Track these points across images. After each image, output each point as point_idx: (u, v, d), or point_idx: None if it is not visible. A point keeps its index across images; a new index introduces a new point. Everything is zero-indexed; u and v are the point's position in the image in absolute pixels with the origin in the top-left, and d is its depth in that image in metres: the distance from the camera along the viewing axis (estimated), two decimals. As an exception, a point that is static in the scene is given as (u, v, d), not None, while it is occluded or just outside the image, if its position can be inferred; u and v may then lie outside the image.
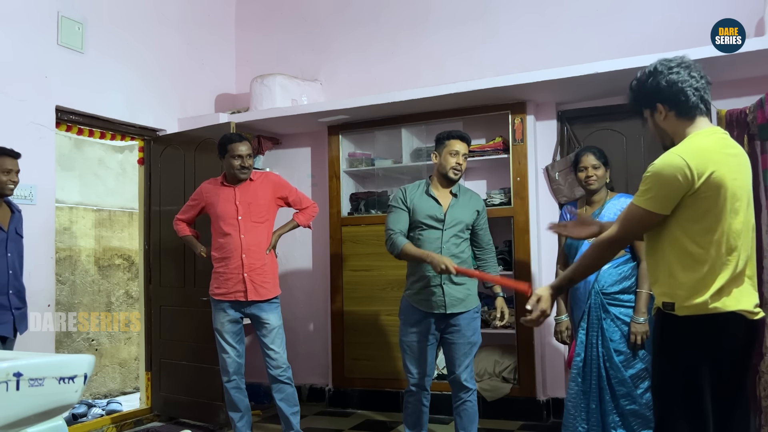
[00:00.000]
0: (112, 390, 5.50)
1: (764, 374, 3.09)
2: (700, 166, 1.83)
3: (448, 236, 3.18)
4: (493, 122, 4.38)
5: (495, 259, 3.38)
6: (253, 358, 5.13)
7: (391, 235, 3.20)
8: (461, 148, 3.21)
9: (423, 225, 3.20)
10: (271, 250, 3.61)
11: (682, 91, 1.99)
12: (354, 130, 4.76)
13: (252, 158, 3.61)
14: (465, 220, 3.23)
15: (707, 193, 1.84)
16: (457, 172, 3.22)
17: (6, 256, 3.17)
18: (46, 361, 1.85)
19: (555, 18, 4.32)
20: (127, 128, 4.52)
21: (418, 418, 3.27)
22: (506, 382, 4.22)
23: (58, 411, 1.85)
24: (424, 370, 3.22)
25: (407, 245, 3.13)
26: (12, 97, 3.68)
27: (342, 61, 5.00)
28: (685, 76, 2.01)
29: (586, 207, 3.14)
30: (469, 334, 3.20)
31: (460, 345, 3.19)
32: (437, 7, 4.70)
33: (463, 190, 3.32)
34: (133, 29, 4.51)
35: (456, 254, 3.16)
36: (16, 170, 3.22)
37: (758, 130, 3.14)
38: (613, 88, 3.99)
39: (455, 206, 3.23)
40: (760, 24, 3.65)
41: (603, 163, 3.08)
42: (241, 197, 3.57)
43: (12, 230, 3.23)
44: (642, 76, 2.07)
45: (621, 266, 2.99)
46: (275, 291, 3.60)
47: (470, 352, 3.21)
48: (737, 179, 1.90)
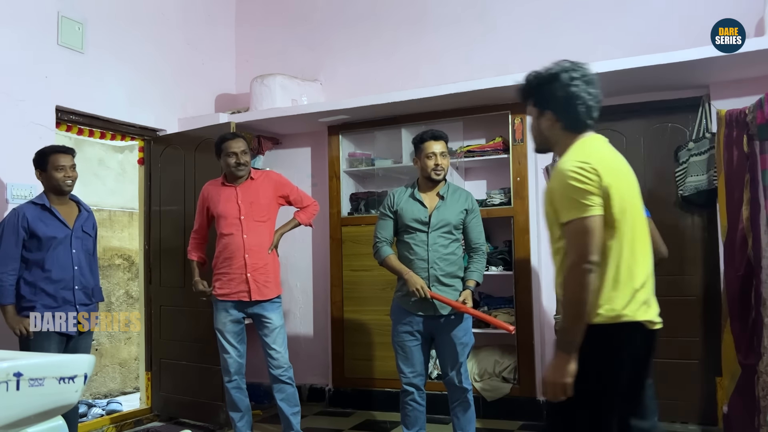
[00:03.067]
0: (112, 390, 5.50)
1: (762, 374, 3.09)
2: (601, 170, 1.85)
3: (434, 238, 3.19)
4: (493, 122, 4.38)
5: (482, 259, 3.27)
6: (253, 358, 5.14)
7: (377, 243, 3.30)
8: (438, 148, 3.21)
9: (410, 228, 3.23)
10: (273, 249, 3.61)
11: (576, 106, 1.97)
12: (354, 130, 4.76)
13: (248, 155, 3.59)
14: (451, 221, 3.21)
15: (606, 200, 1.85)
16: (438, 172, 3.22)
17: (71, 252, 3.22)
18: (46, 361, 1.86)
19: (555, 18, 4.32)
20: (127, 128, 4.52)
21: (416, 417, 3.27)
22: (506, 382, 4.22)
23: (58, 411, 1.85)
24: (416, 369, 3.23)
25: (390, 257, 3.26)
26: (12, 97, 3.68)
27: (342, 60, 5.00)
28: (583, 91, 1.99)
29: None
30: (460, 335, 3.20)
31: (451, 346, 3.19)
32: (437, 6, 4.70)
33: (452, 190, 3.29)
34: (134, 29, 4.51)
35: (444, 256, 3.18)
36: (70, 165, 3.26)
37: (757, 129, 3.14)
38: (613, 88, 3.99)
39: (441, 207, 3.23)
40: (760, 24, 3.65)
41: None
42: (243, 197, 3.56)
43: (78, 228, 3.28)
44: (543, 77, 2.06)
45: None
46: (277, 290, 3.60)
47: (462, 353, 3.20)
48: (628, 190, 1.93)
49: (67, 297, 3.18)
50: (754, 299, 3.19)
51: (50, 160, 3.21)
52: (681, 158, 3.95)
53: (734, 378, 3.34)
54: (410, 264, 3.20)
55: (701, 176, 3.84)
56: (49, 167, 3.20)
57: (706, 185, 3.81)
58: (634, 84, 3.92)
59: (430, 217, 3.21)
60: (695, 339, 3.96)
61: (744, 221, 3.26)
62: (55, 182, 3.22)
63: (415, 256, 3.19)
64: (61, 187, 3.24)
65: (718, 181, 3.55)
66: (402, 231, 3.28)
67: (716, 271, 3.80)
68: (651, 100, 4.10)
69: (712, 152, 3.72)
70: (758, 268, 3.12)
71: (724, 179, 3.45)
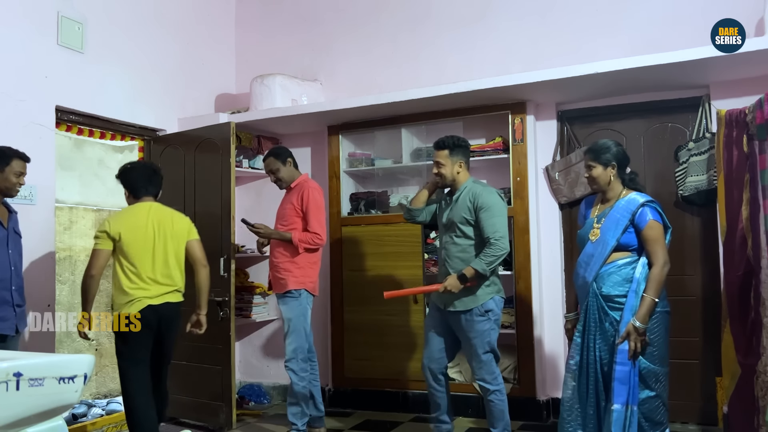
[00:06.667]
0: (112, 390, 5.49)
1: (761, 374, 3.09)
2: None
3: (447, 239, 3.37)
4: (493, 122, 4.38)
5: (488, 250, 3.19)
6: (253, 358, 5.14)
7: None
8: (435, 156, 3.39)
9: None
10: (250, 226, 3.85)
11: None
12: (354, 130, 4.76)
13: (278, 171, 3.88)
14: (455, 219, 3.31)
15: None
16: (438, 179, 3.41)
17: (8, 252, 3.19)
18: (46, 361, 1.86)
19: (555, 18, 4.32)
20: (127, 128, 4.52)
21: (435, 402, 3.43)
22: (506, 382, 4.21)
23: (58, 411, 1.85)
24: (428, 353, 3.42)
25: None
26: (12, 97, 3.68)
27: (342, 61, 5.00)
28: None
29: (599, 204, 3.06)
30: (472, 336, 3.25)
31: (463, 344, 3.34)
32: (437, 7, 4.70)
33: (466, 190, 3.34)
34: (133, 29, 4.51)
35: (455, 254, 3.31)
36: (24, 173, 3.27)
37: (756, 129, 3.13)
38: (613, 88, 3.99)
39: (448, 208, 3.39)
40: (760, 24, 3.65)
41: (599, 162, 2.97)
42: (282, 203, 3.97)
43: (11, 228, 3.26)
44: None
45: (624, 268, 2.88)
46: (292, 286, 3.78)
47: (476, 353, 3.25)
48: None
49: (5, 297, 3.14)
50: (754, 299, 3.19)
51: (12, 164, 3.18)
52: (681, 158, 3.95)
53: (734, 378, 3.34)
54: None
55: (701, 176, 3.84)
56: (8, 170, 3.17)
57: (706, 185, 3.81)
58: (634, 84, 3.92)
59: (443, 218, 3.43)
60: (695, 339, 3.96)
61: (743, 221, 3.25)
62: (9, 186, 3.19)
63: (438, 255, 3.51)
64: (11, 192, 3.22)
65: (718, 181, 3.54)
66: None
67: (716, 271, 3.80)
68: (651, 100, 4.10)
69: (712, 152, 3.72)
70: (758, 268, 3.12)
71: (724, 179, 3.45)
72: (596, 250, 2.91)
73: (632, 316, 2.81)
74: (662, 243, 2.88)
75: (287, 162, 3.90)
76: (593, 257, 2.91)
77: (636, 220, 2.87)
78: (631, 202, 2.90)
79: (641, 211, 2.86)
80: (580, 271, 2.98)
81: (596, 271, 2.89)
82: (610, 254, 2.88)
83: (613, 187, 2.99)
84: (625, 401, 2.78)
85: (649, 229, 2.85)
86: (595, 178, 2.99)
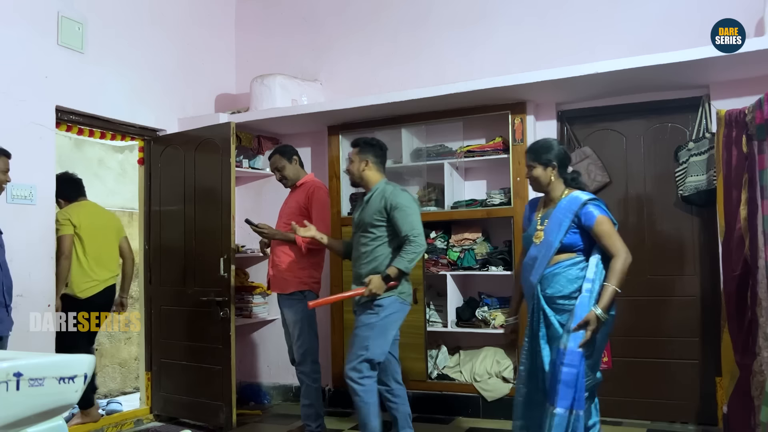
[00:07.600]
0: (112, 390, 5.50)
1: (756, 374, 3.09)
2: None
3: (357, 239, 3.37)
4: (493, 122, 4.38)
5: (408, 248, 3.15)
6: (253, 358, 5.14)
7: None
8: (349, 154, 3.46)
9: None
10: (264, 248, 3.85)
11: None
12: (354, 130, 4.75)
13: (284, 169, 3.86)
14: (366, 220, 3.30)
15: None
16: (347, 174, 3.47)
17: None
18: (46, 361, 1.86)
19: (555, 18, 4.32)
20: (127, 128, 4.52)
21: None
22: (506, 382, 4.22)
23: (58, 411, 1.85)
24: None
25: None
26: (12, 97, 3.68)
27: (342, 61, 5.00)
28: None
29: (543, 207, 2.96)
30: (356, 325, 3.31)
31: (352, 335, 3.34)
32: (437, 6, 4.70)
33: (377, 192, 3.32)
34: (133, 29, 4.51)
35: (363, 253, 3.31)
36: (8, 169, 3.23)
37: (756, 130, 3.13)
38: (613, 88, 3.99)
39: (360, 209, 3.40)
40: (760, 24, 3.66)
41: (539, 162, 2.86)
42: (286, 201, 3.94)
43: None
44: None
45: (570, 269, 2.75)
46: (295, 287, 3.78)
47: (352, 344, 3.30)
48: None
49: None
50: (750, 299, 3.19)
51: None
52: (681, 158, 3.95)
53: (734, 378, 3.34)
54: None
55: (701, 176, 3.84)
56: None
57: (706, 185, 3.81)
58: (634, 84, 3.92)
59: (354, 218, 3.44)
60: (695, 339, 3.97)
61: (741, 221, 3.25)
62: None
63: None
64: None
65: (718, 181, 3.54)
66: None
67: (716, 271, 3.80)
68: (651, 100, 4.10)
69: (712, 152, 3.72)
70: (754, 268, 3.11)
71: (723, 179, 3.45)
72: (540, 252, 2.80)
73: (590, 309, 2.63)
74: (617, 235, 2.72)
75: (293, 160, 3.90)
76: (537, 259, 2.81)
77: (582, 219, 2.74)
78: (573, 201, 2.78)
79: (585, 209, 2.74)
80: (526, 274, 2.87)
81: (540, 273, 2.78)
82: (554, 256, 2.77)
83: (555, 187, 2.87)
84: (569, 405, 2.62)
85: (599, 225, 2.71)
86: (536, 179, 2.89)
